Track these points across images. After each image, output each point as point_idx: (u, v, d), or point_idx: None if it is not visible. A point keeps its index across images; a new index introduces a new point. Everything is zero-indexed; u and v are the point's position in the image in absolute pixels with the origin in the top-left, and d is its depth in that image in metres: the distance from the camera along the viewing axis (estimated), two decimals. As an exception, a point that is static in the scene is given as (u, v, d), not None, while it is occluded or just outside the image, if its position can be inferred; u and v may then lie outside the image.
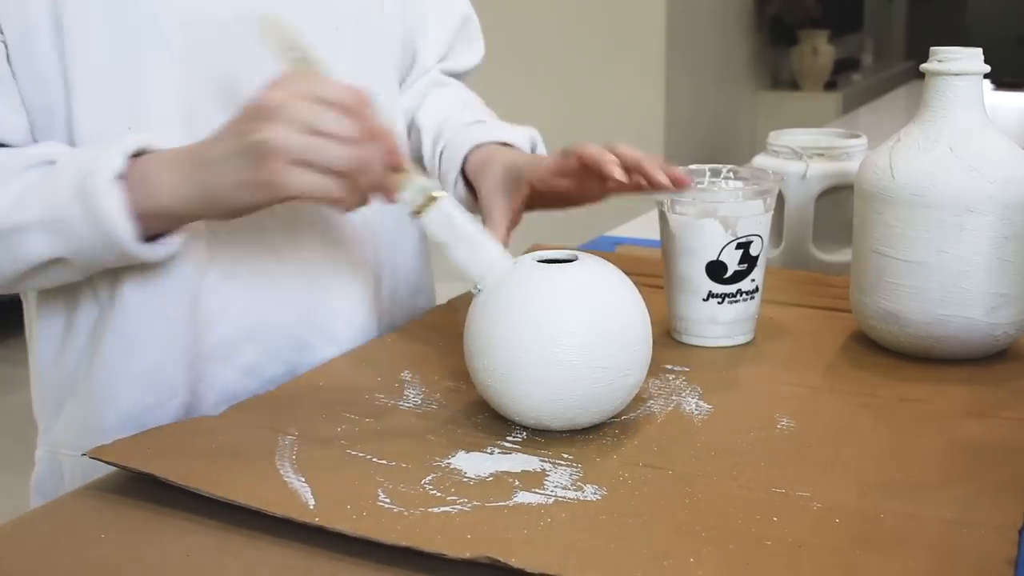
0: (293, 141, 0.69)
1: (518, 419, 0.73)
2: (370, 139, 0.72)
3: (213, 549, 0.61)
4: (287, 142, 0.69)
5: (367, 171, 0.72)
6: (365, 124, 0.72)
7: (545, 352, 0.70)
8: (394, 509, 0.63)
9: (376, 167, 0.72)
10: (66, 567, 0.60)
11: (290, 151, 0.69)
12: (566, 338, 0.70)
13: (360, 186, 0.72)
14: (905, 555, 0.58)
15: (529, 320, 0.71)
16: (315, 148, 0.69)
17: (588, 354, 0.70)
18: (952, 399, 0.79)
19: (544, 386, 0.70)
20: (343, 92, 0.71)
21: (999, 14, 7.38)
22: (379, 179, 0.73)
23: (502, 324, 0.71)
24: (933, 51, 0.86)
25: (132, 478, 0.68)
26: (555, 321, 0.70)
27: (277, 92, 0.70)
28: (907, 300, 0.85)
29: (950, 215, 0.82)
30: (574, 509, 0.63)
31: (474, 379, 0.75)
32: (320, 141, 0.70)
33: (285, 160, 0.69)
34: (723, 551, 0.58)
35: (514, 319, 0.71)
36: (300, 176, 0.70)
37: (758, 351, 0.90)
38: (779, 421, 0.76)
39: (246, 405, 0.79)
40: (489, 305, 0.73)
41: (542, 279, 0.73)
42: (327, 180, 0.70)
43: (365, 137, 0.72)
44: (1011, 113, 2.88)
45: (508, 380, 0.71)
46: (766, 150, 1.15)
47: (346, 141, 0.70)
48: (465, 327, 0.75)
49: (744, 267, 0.88)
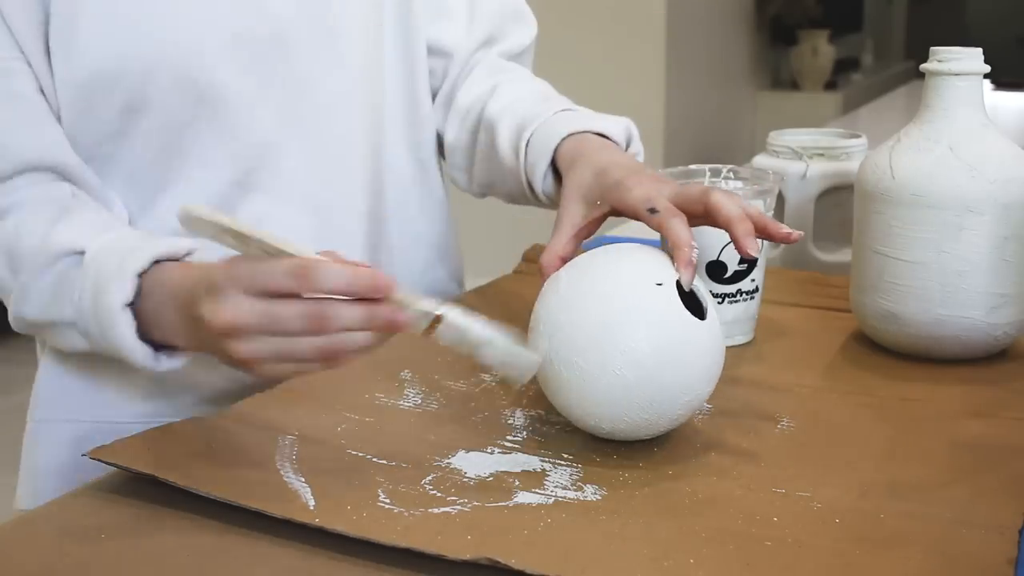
0: (264, 352, 0.66)
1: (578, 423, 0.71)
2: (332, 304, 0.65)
3: (213, 549, 0.61)
4: (254, 353, 0.66)
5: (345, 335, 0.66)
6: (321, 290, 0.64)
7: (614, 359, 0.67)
8: (394, 509, 0.63)
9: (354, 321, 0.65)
10: (66, 567, 0.60)
11: (264, 360, 0.67)
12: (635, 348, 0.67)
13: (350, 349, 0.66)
14: (905, 555, 0.58)
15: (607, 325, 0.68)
16: (286, 350, 0.66)
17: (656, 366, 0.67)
18: (952, 399, 0.79)
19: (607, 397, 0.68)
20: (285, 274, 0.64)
21: (999, 14, 7.38)
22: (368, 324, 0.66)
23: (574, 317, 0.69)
24: (933, 51, 0.86)
25: (132, 478, 0.68)
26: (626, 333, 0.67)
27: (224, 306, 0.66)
28: (907, 300, 0.85)
29: (950, 215, 0.82)
30: (574, 509, 0.63)
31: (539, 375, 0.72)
32: (287, 341, 0.66)
33: (262, 365, 0.67)
34: (723, 551, 0.58)
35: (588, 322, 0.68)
36: (285, 369, 0.68)
37: (758, 351, 0.90)
38: (779, 421, 0.76)
39: (246, 405, 0.79)
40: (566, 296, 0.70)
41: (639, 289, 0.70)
42: (311, 365, 0.68)
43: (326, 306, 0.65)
44: (1011, 113, 2.88)
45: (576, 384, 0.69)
46: (766, 150, 1.15)
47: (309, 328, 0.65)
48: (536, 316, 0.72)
49: (744, 267, 0.88)
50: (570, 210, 0.81)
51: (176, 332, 0.75)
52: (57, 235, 0.80)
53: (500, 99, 0.98)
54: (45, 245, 0.80)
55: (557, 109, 0.93)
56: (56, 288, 0.80)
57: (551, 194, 0.91)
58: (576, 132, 0.88)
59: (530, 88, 1.01)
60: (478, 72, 1.03)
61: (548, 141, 0.89)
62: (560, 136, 0.88)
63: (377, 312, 0.65)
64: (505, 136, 0.95)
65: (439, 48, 1.03)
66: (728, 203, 0.73)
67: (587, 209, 0.81)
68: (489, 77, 1.02)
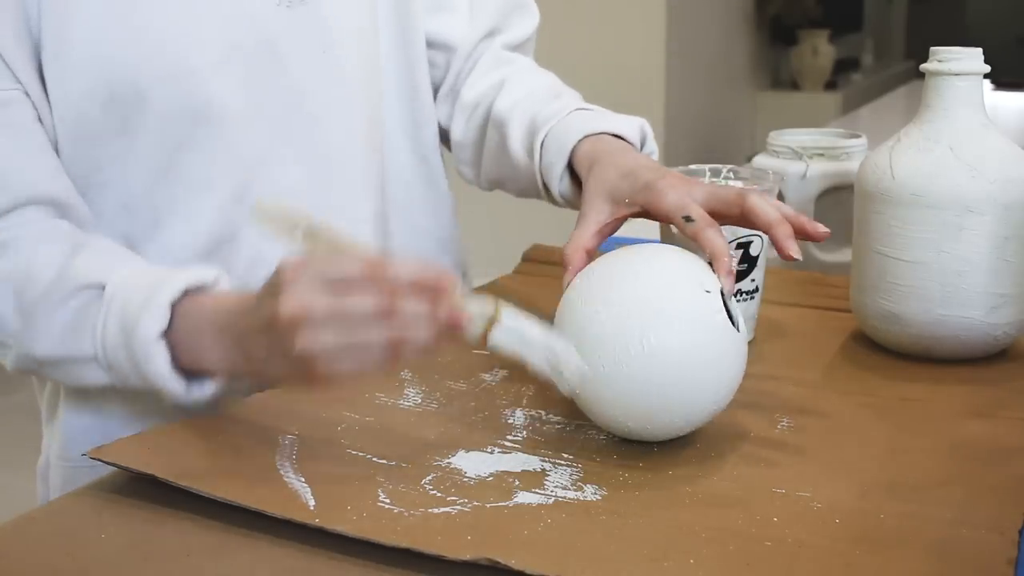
0: (330, 344, 0.65)
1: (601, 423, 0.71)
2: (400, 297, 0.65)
3: (213, 549, 0.61)
4: (324, 348, 0.65)
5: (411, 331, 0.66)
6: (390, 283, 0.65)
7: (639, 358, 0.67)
8: (394, 509, 0.63)
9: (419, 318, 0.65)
10: (66, 567, 0.60)
11: (329, 352, 0.66)
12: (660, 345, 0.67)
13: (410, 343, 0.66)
14: (905, 555, 0.58)
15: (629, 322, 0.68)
16: (351, 339, 0.65)
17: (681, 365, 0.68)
18: (952, 399, 0.79)
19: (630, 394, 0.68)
20: (357, 265, 0.66)
21: (999, 14, 7.38)
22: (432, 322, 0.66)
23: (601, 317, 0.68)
24: (933, 51, 0.86)
25: (132, 478, 0.68)
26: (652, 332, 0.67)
27: (294, 297, 0.65)
28: (907, 300, 0.85)
29: (950, 215, 0.82)
30: (574, 509, 0.63)
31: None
32: (354, 333, 0.65)
33: (326, 361, 0.66)
34: (723, 551, 0.58)
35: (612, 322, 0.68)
36: (344, 367, 0.67)
37: (758, 351, 0.90)
38: (779, 421, 0.76)
39: (246, 405, 0.79)
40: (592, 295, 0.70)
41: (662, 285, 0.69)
42: (372, 357, 0.66)
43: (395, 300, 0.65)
44: (1011, 113, 2.88)
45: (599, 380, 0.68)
46: (766, 150, 1.15)
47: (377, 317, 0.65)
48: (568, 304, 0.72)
49: (744, 267, 0.88)
50: (596, 206, 0.82)
51: (213, 358, 0.74)
52: (74, 269, 0.79)
53: (509, 95, 0.98)
54: (62, 279, 0.79)
55: (571, 108, 0.92)
56: (75, 323, 0.78)
57: (568, 195, 0.91)
58: (592, 134, 0.88)
59: (539, 83, 1.00)
60: (482, 65, 1.03)
61: (564, 142, 0.89)
62: (577, 138, 0.88)
63: (441, 309, 0.65)
64: (517, 136, 0.94)
65: (440, 41, 1.02)
66: (766, 206, 0.74)
67: (613, 207, 0.81)
68: (495, 70, 1.02)
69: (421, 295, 0.65)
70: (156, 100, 0.84)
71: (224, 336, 0.73)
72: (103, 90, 0.82)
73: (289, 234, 0.68)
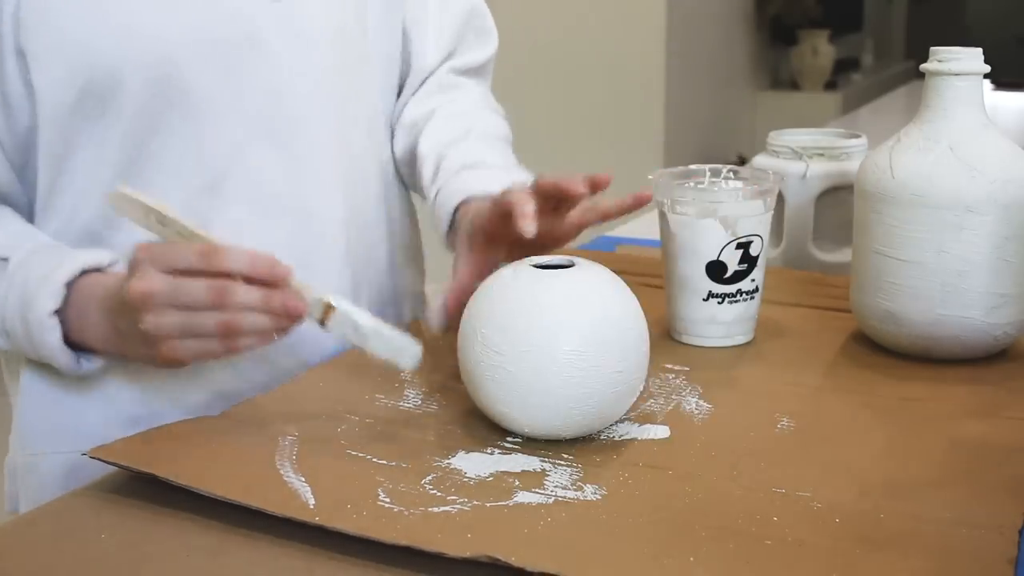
0: (165, 325, 0.74)
1: (515, 428, 0.72)
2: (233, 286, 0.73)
3: (213, 549, 0.61)
4: (162, 327, 0.74)
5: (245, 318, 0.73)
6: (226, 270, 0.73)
7: (540, 361, 0.69)
8: (394, 509, 0.63)
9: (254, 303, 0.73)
10: (66, 567, 0.60)
11: (170, 333, 0.74)
12: (562, 346, 0.69)
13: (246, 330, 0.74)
14: (905, 555, 0.58)
15: (525, 328, 0.69)
16: (188, 323, 0.74)
17: (583, 361, 0.69)
18: (952, 399, 0.79)
19: (540, 395, 0.69)
20: (194, 252, 0.73)
21: (999, 14, 7.38)
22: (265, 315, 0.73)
23: (496, 332, 0.70)
24: (933, 51, 0.86)
25: (132, 478, 0.68)
26: (550, 329, 0.69)
27: (141, 280, 0.74)
28: (907, 300, 0.85)
29: (950, 215, 0.82)
30: (574, 509, 0.63)
31: (468, 386, 0.74)
32: (189, 314, 0.74)
33: (168, 343, 0.75)
34: (723, 551, 0.59)
35: (509, 326, 0.70)
36: (189, 347, 0.75)
37: (758, 351, 0.90)
38: (779, 421, 0.76)
39: (246, 405, 0.79)
40: (484, 313, 0.72)
41: (536, 286, 0.71)
42: (211, 342, 0.75)
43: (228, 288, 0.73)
44: (1011, 113, 2.88)
45: (503, 389, 0.70)
46: (766, 150, 1.15)
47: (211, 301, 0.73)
48: (459, 335, 0.74)
49: (744, 267, 0.88)
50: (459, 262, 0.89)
51: (98, 335, 0.81)
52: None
53: (427, 134, 1.01)
54: None
55: (464, 163, 0.96)
56: None
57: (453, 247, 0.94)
58: (471, 198, 0.92)
59: (454, 127, 1.01)
60: (428, 86, 1.05)
61: (448, 205, 0.94)
62: (456, 202, 0.93)
63: (274, 295, 0.73)
64: (426, 178, 0.99)
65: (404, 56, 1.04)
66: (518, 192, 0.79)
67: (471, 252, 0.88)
68: (431, 97, 1.04)
69: (256, 284, 0.72)
70: (133, 87, 0.84)
71: (102, 314, 0.80)
72: (81, 75, 0.83)
73: (145, 221, 0.75)
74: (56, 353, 0.81)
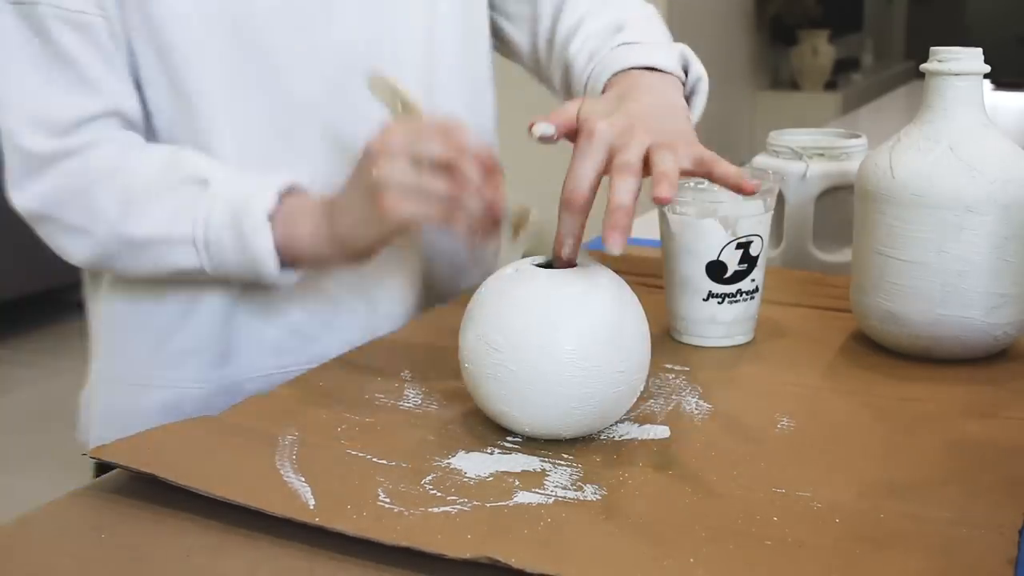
0: (397, 173, 0.79)
1: (515, 428, 0.72)
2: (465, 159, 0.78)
3: (213, 549, 0.61)
4: (392, 175, 0.79)
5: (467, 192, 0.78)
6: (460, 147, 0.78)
7: (541, 360, 0.69)
8: (394, 509, 0.63)
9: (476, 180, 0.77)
10: (66, 567, 0.60)
11: (397, 183, 0.79)
12: (563, 345, 0.69)
13: (463, 207, 0.78)
14: (905, 555, 0.58)
15: (525, 327, 0.69)
16: (419, 180, 0.78)
17: (585, 361, 0.69)
18: (952, 399, 0.79)
19: (540, 395, 0.69)
20: (437, 125, 0.80)
21: (999, 14, 7.38)
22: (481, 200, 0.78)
23: (497, 331, 0.70)
24: (933, 51, 0.86)
25: (132, 478, 0.68)
26: (551, 329, 0.69)
27: (383, 137, 0.80)
28: (907, 300, 0.85)
29: (950, 215, 0.82)
30: (574, 509, 0.63)
31: (468, 384, 0.74)
32: (421, 174, 0.78)
33: (394, 192, 0.79)
34: (723, 551, 0.59)
35: (509, 325, 0.70)
36: (407, 205, 0.79)
37: (758, 351, 0.90)
38: (779, 421, 0.76)
39: (246, 405, 0.79)
40: (485, 311, 0.72)
41: (538, 285, 0.71)
42: (431, 205, 0.79)
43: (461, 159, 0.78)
44: (1011, 113, 2.88)
45: (503, 388, 0.70)
46: (766, 150, 1.15)
47: (444, 168, 0.78)
48: (460, 334, 0.74)
49: (744, 267, 0.88)
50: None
51: (306, 244, 0.87)
52: (179, 163, 0.89)
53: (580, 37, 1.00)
54: (168, 170, 0.88)
55: (617, 44, 0.95)
56: (178, 207, 0.88)
57: None
58: (622, 70, 0.91)
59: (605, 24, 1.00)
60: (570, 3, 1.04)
61: (599, 82, 0.92)
62: (606, 77, 0.91)
63: (492, 184, 0.78)
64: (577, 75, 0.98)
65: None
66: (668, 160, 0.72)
67: None
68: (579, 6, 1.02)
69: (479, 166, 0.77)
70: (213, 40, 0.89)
71: (317, 216, 0.86)
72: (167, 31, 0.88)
73: (391, 103, 0.83)
74: (266, 256, 0.86)
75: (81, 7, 0.87)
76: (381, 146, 0.80)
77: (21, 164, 0.89)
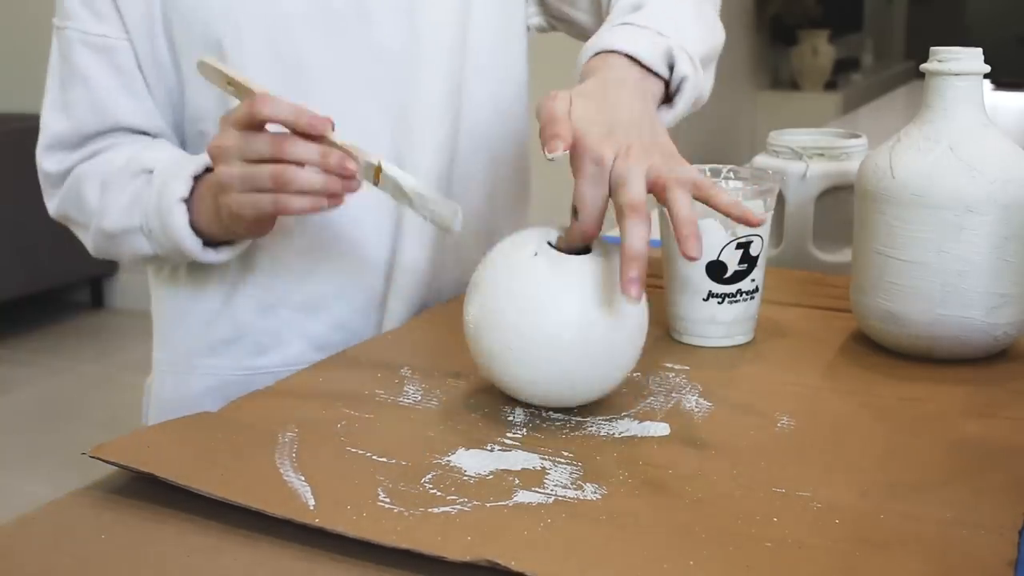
0: (234, 176, 0.82)
1: (523, 397, 0.76)
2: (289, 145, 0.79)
3: (213, 549, 0.61)
4: (225, 177, 0.82)
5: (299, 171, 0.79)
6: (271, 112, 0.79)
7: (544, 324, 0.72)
8: (394, 509, 0.63)
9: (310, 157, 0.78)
10: (66, 567, 0.60)
11: (232, 182, 0.82)
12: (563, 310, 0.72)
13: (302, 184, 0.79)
14: (905, 555, 0.58)
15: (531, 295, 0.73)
16: (246, 172, 0.81)
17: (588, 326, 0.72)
18: (952, 399, 0.79)
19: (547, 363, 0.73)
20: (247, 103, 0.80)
21: (999, 14, 7.38)
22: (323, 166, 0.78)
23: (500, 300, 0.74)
24: (933, 51, 0.86)
25: (132, 478, 0.68)
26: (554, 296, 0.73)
27: (217, 141, 0.83)
28: (907, 300, 0.85)
29: (950, 215, 0.82)
30: (574, 509, 0.63)
31: (477, 358, 0.77)
32: (253, 167, 0.80)
33: (233, 191, 0.82)
34: (723, 552, 0.58)
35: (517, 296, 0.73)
36: (242, 199, 0.82)
37: (758, 351, 0.90)
38: (779, 421, 0.76)
39: (246, 404, 0.79)
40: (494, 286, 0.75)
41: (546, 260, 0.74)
42: (264, 196, 0.81)
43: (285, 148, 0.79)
44: (1011, 113, 2.88)
45: (505, 358, 0.74)
46: (766, 150, 1.15)
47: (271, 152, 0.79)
48: (466, 308, 0.77)
49: (744, 267, 0.88)
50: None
51: (206, 221, 0.90)
52: (139, 157, 0.95)
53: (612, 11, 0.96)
54: (129, 164, 0.94)
55: (615, 23, 0.89)
56: (132, 199, 0.94)
57: None
58: (603, 51, 0.85)
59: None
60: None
61: (582, 58, 0.88)
62: (589, 55, 0.86)
63: (331, 153, 0.78)
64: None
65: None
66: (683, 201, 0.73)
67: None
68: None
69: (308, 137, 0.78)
70: (250, 45, 0.94)
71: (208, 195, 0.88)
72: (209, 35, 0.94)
73: (224, 88, 0.84)
74: (183, 235, 0.90)
75: (104, 31, 0.95)
76: (217, 151, 0.82)
77: (44, 182, 1.01)
